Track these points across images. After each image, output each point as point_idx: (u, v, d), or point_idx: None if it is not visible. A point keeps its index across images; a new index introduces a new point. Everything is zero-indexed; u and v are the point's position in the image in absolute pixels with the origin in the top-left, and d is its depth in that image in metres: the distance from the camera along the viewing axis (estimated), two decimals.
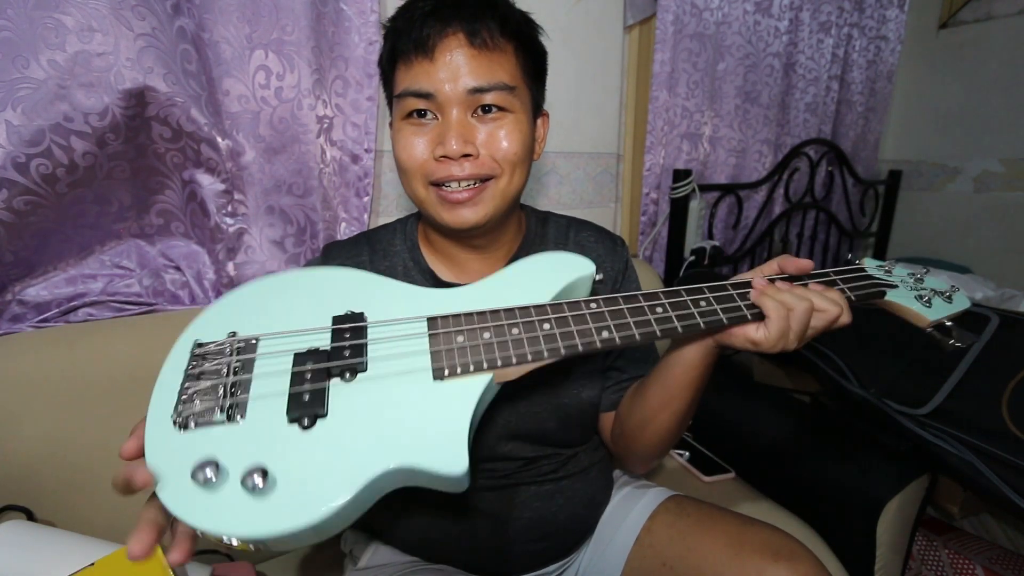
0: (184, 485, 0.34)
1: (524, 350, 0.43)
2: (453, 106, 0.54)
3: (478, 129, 0.56)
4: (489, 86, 0.54)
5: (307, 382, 0.39)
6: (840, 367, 1.02)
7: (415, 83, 0.54)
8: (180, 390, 0.39)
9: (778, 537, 0.61)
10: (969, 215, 1.78)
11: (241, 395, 0.38)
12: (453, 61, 0.53)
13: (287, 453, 0.36)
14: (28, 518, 0.70)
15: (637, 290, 0.71)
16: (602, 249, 0.70)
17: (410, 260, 0.66)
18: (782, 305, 0.47)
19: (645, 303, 0.48)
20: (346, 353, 0.41)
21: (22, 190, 0.72)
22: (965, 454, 0.82)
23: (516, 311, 0.45)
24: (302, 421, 0.37)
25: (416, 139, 0.56)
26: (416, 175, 0.57)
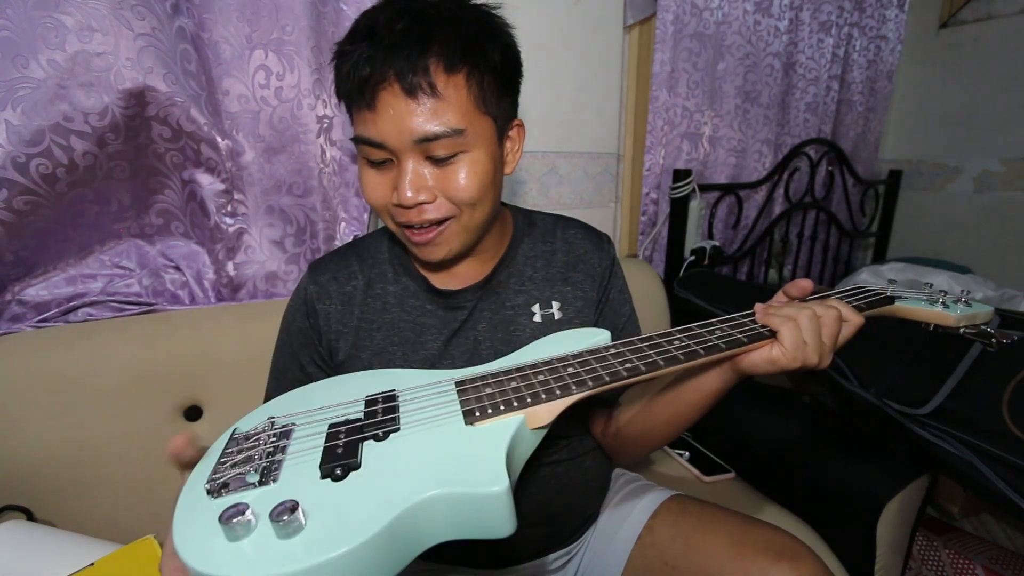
0: (213, 536, 0.32)
1: (552, 387, 0.44)
2: (404, 154, 0.52)
3: (432, 175, 0.54)
4: (435, 135, 0.51)
5: (341, 443, 0.39)
6: (840, 367, 1.02)
7: (365, 131, 0.53)
8: (215, 467, 0.38)
9: (781, 537, 0.61)
10: (969, 215, 1.78)
11: (276, 462, 0.38)
12: (395, 112, 0.50)
13: (321, 498, 0.34)
14: (28, 518, 0.70)
15: (624, 287, 0.73)
16: (588, 245, 0.71)
17: (399, 266, 0.67)
18: (787, 318, 0.48)
19: (662, 339, 0.50)
20: (378, 417, 0.42)
21: (22, 190, 0.72)
22: (965, 454, 0.82)
23: (539, 363, 0.47)
24: (335, 473, 0.36)
25: (378, 183, 0.56)
26: (384, 215, 0.58)
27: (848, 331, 0.50)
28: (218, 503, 0.34)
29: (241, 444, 0.41)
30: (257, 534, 0.32)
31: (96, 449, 0.76)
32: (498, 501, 0.35)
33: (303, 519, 0.32)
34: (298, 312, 0.67)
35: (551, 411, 0.43)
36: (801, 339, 0.47)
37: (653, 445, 0.65)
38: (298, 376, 0.66)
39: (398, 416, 0.42)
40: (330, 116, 0.95)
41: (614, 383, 0.45)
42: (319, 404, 0.46)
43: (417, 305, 0.65)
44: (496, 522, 0.36)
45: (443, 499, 0.35)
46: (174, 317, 0.85)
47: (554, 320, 0.66)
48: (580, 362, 0.47)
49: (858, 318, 0.51)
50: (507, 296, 0.66)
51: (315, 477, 0.36)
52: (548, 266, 0.68)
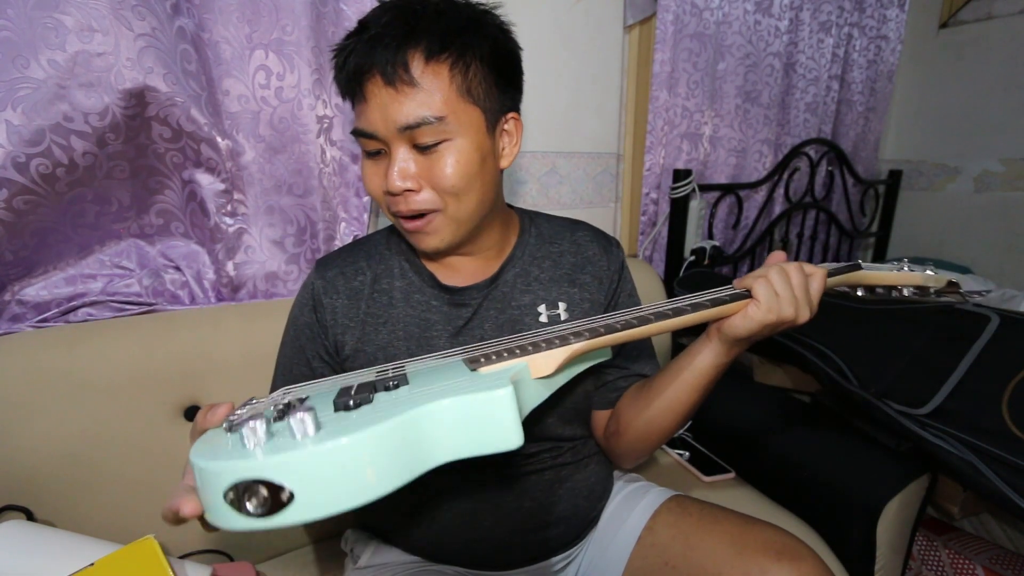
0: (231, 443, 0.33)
1: (551, 338, 0.47)
2: (393, 143, 0.55)
3: (419, 163, 0.55)
4: (416, 123, 0.52)
5: (354, 389, 0.40)
6: (840, 367, 1.02)
7: (358, 123, 0.56)
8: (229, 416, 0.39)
9: (781, 536, 0.61)
10: (969, 215, 1.78)
11: (291, 406, 0.39)
12: (379, 102, 0.53)
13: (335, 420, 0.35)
14: (28, 518, 0.70)
15: (633, 291, 0.74)
16: (597, 248, 0.71)
17: (406, 262, 0.67)
18: (758, 276, 0.52)
19: (653, 305, 0.53)
20: (389, 375, 0.44)
21: (22, 190, 0.72)
22: (965, 454, 0.82)
23: (541, 333, 0.50)
24: (347, 405, 0.37)
25: (374, 173, 0.58)
26: (383, 205, 0.60)
27: (816, 284, 0.53)
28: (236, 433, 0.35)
29: (258, 403, 0.42)
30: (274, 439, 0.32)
31: (96, 449, 0.76)
32: (503, 403, 0.36)
33: (314, 425, 0.32)
34: (305, 307, 0.67)
35: (551, 360, 0.45)
36: (773, 291, 0.51)
37: (656, 438, 0.64)
38: (304, 372, 0.67)
39: (406, 374, 0.44)
40: (330, 116, 0.95)
41: (608, 334, 0.47)
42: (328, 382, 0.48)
43: (423, 300, 0.65)
44: (503, 430, 0.37)
45: (450, 406, 0.36)
46: (174, 317, 0.85)
47: (560, 321, 0.66)
48: (577, 323, 0.51)
49: (820, 270, 0.54)
50: (513, 296, 0.66)
51: (330, 411, 0.37)
52: (555, 267, 0.69)
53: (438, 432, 0.35)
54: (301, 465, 0.30)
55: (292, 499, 0.30)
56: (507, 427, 0.36)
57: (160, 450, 0.80)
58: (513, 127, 0.62)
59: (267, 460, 0.30)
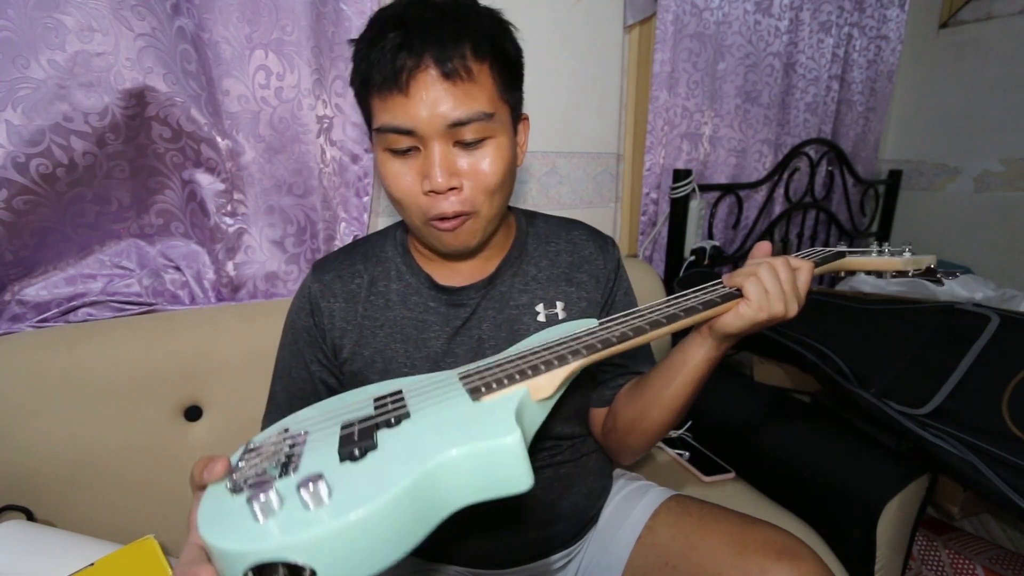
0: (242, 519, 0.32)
1: (549, 359, 0.46)
2: (433, 140, 0.53)
3: (461, 159, 0.55)
4: (468, 118, 0.52)
5: (355, 431, 0.40)
6: (840, 367, 1.02)
7: (394, 119, 0.53)
8: (234, 470, 0.38)
9: (781, 536, 0.61)
10: (969, 215, 1.78)
11: (295, 455, 0.38)
12: (429, 96, 0.51)
13: (343, 475, 0.34)
14: (28, 518, 0.70)
15: (629, 289, 0.74)
16: (593, 247, 0.71)
17: (403, 264, 0.67)
18: (748, 274, 0.53)
19: (645, 310, 0.53)
20: (387, 409, 0.43)
21: (22, 190, 0.73)
22: (965, 454, 0.82)
23: (539, 348, 0.50)
24: (353, 455, 0.36)
25: (404, 173, 0.55)
26: (412, 209, 0.57)
27: (803, 276, 0.54)
28: (242, 495, 0.34)
29: (258, 451, 0.41)
30: (286, 510, 0.32)
31: (96, 449, 0.76)
32: (512, 451, 0.36)
33: (328, 491, 0.32)
34: (302, 310, 0.67)
35: (552, 381, 0.45)
36: (763, 288, 0.52)
37: (652, 434, 0.64)
38: (303, 375, 0.67)
39: (406, 406, 0.43)
40: (330, 116, 0.95)
41: (606, 349, 0.47)
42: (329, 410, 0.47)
43: (420, 302, 0.65)
44: (514, 475, 0.36)
45: (460, 458, 0.35)
46: (174, 317, 0.85)
47: (558, 320, 0.66)
48: (573, 338, 0.50)
49: (807, 263, 0.55)
50: (511, 295, 0.66)
51: (335, 461, 0.36)
52: (552, 266, 0.69)
53: (451, 484, 0.35)
54: (320, 544, 0.30)
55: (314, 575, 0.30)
56: (519, 472, 0.36)
57: (160, 450, 0.80)
58: (523, 127, 0.64)
59: (285, 540, 0.30)
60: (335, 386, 0.67)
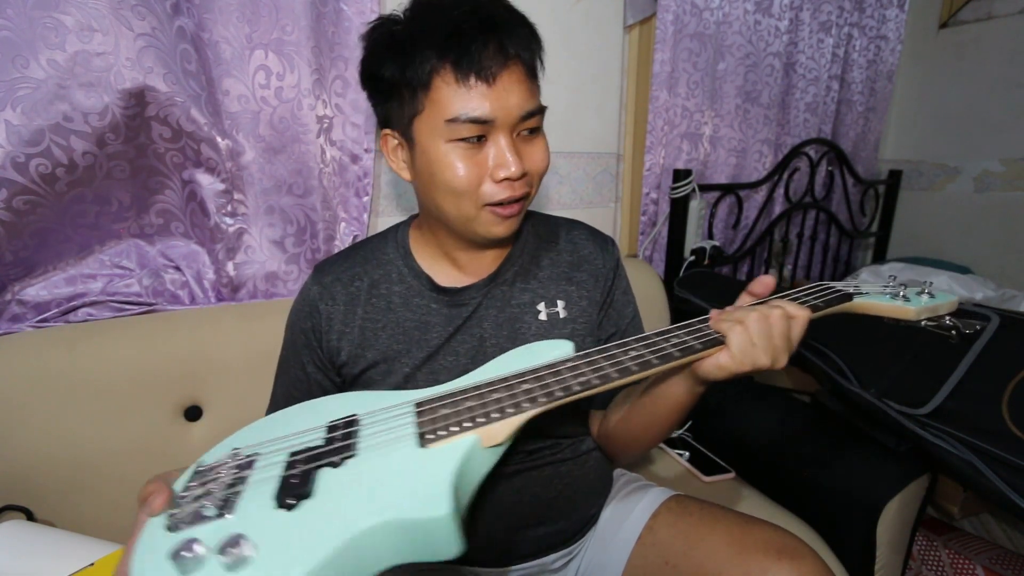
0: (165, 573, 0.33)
1: (503, 406, 0.45)
2: (504, 130, 0.56)
3: (522, 149, 0.58)
4: (533, 111, 0.57)
5: (298, 472, 0.40)
6: (840, 367, 1.02)
7: (475, 109, 0.54)
8: (175, 501, 0.39)
9: (781, 536, 0.61)
10: (969, 215, 1.78)
11: (235, 493, 0.39)
12: (513, 88, 0.55)
13: (272, 530, 0.35)
14: (28, 518, 0.70)
15: (627, 289, 0.74)
16: (593, 247, 0.72)
17: (404, 267, 0.67)
18: (735, 322, 0.49)
19: (618, 350, 0.50)
20: (336, 444, 0.43)
21: (22, 190, 0.72)
22: (965, 454, 0.82)
23: (496, 380, 0.48)
24: (287, 503, 0.37)
25: (472, 163, 0.56)
26: (470, 198, 0.57)
27: (798, 328, 0.50)
28: (174, 538, 0.35)
29: (205, 476, 0.42)
30: (207, 569, 0.32)
31: (96, 449, 0.76)
32: (440, 524, 0.36)
33: (251, 552, 0.33)
34: (301, 312, 0.67)
35: (505, 429, 0.44)
36: (749, 342, 0.48)
37: (639, 448, 0.67)
38: (299, 375, 0.67)
39: (356, 441, 0.43)
40: (330, 116, 0.95)
41: (567, 397, 0.45)
42: (284, 432, 0.46)
43: (422, 304, 0.65)
44: (440, 545, 0.36)
45: (386, 527, 0.35)
46: (174, 317, 0.85)
47: (559, 319, 0.66)
48: (536, 378, 0.47)
49: (804, 312, 0.51)
50: (513, 294, 0.66)
51: (270, 508, 0.37)
52: (553, 265, 0.69)
53: (376, 551, 0.36)
54: None
55: None
56: (446, 542, 0.36)
57: (160, 450, 0.80)
58: None
59: None
60: (329, 388, 0.68)
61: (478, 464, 0.43)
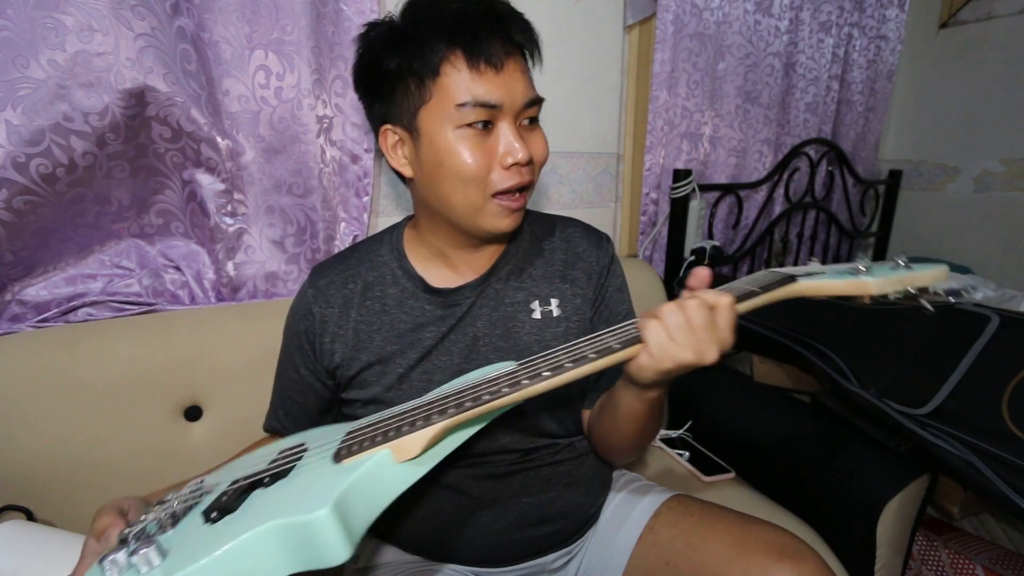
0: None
1: (415, 419, 0.45)
2: (508, 116, 0.57)
3: (526, 138, 0.59)
4: (535, 99, 0.59)
5: (230, 491, 0.44)
6: (840, 367, 1.02)
7: (485, 93, 0.55)
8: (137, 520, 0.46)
9: (782, 536, 0.61)
10: (969, 215, 1.78)
11: (183, 511, 0.45)
12: (515, 75, 0.57)
13: (189, 539, 0.40)
14: (28, 518, 0.70)
15: (623, 286, 0.74)
16: (587, 244, 0.71)
17: (398, 269, 0.67)
18: (651, 316, 0.46)
19: (540, 360, 0.47)
20: (274, 468, 0.46)
21: (22, 190, 0.72)
22: (965, 454, 0.82)
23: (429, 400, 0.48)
24: (211, 516, 0.41)
25: (480, 150, 0.56)
26: (479, 185, 0.57)
27: (723, 317, 0.46)
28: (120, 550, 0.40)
29: (165, 501, 0.48)
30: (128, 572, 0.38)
31: (96, 449, 0.76)
32: (318, 526, 0.37)
33: (159, 556, 0.38)
34: (297, 314, 0.68)
35: (416, 443, 0.43)
36: (666, 337, 0.45)
37: (618, 453, 0.68)
38: (294, 376, 0.68)
39: (293, 466, 0.46)
40: (330, 116, 0.95)
41: (476, 407, 0.44)
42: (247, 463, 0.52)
43: (416, 306, 0.65)
44: (324, 549, 0.37)
45: (270, 530, 0.37)
46: (174, 317, 0.85)
47: (553, 317, 0.66)
48: (456, 393, 0.47)
49: (725, 299, 0.46)
50: (506, 292, 0.66)
51: (200, 523, 0.41)
52: (547, 264, 0.69)
53: (266, 554, 0.37)
54: None
55: None
56: (330, 545, 0.37)
57: (160, 450, 0.80)
58: None
59: None
60: (322, 391, 0.68)
61: (390, 478, 0.42)
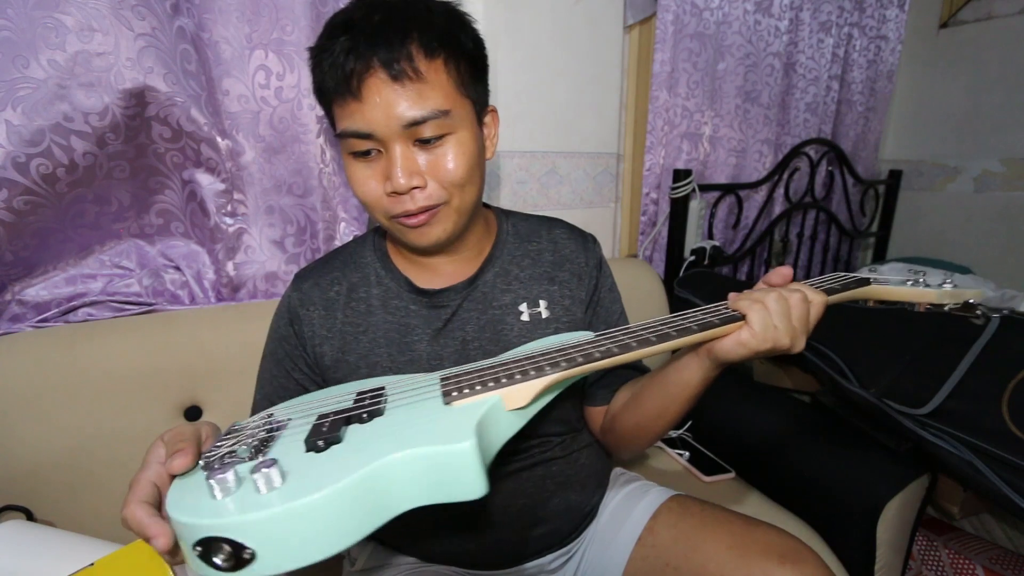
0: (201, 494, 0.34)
1: (525, 369, 0.46)
2: (393, 141, 0.53)
3: (422, 158, 0.55)
4: (423, 117, 0.52)
5: (327, 423, 0.41)
6: (840, 367, 1.02)
7: (352, 124, 0.54)
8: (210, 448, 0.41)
9: (783, 539, 0.61)
10: (969, 215, 1.78)
11: (269, 440, 0.41)
12: (382, 99, 0.52)
13: (301, 464, 0.36)
14: (28, 518, 0.70)
15: (613, 285, 0.74)
16: (574, 245, 0.71)
17: (381, 269, 0.67)
18: (755, 300, 0.49)
19: (638, 328, 0.51)
20: (364, 406, 0.44)
21: (22, 190, 0.72)
22: (965, 454, 0.82)
23: (523, 358, 0.49)
24: (317, 446, 0.38)
25: (368, 176, 0.56)
26: (376, 209, 0.58)
27: (816, 311, 0.51)
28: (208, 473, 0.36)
29: (238, 434, 0.43)
30: (240, 491, 0.34)
31: (96, 449, 0.76)
32: (464, 457, 0.36)
33: (280, 478, 0.34)
34: (282, 320, 0.67)
35: (527, 392, 0.44)
36: (770, 321, 0.48)
37: (647, 439, 0.65)
38: (285, 383, 0.66)
39: (383, 405, 0.44)
40: None
41: (586, 363, 0.46)
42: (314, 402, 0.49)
43: (401, 306, 0.65)
44: (465, 482, 0.36)
45: (410, 459, 0.36)
46: (174, 317, 0.85)
47: (541, 319, 0.66)
48: (559, 351, 0.49)
49: (820, 296, 0.51)
50: (494, 295, 0.66)
51: (301, 451, 0.38)
52: (534, 265, 0.69)
53: (399, 484, 0.36)
54: (261, 526, 0.31)
55: (254, 557, 0.31)
56: (470, 479, 0.36)
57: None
58: (491, 119, 0.64)
59: (229, 520, 0.31)
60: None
61: (500, 425, 0.44)
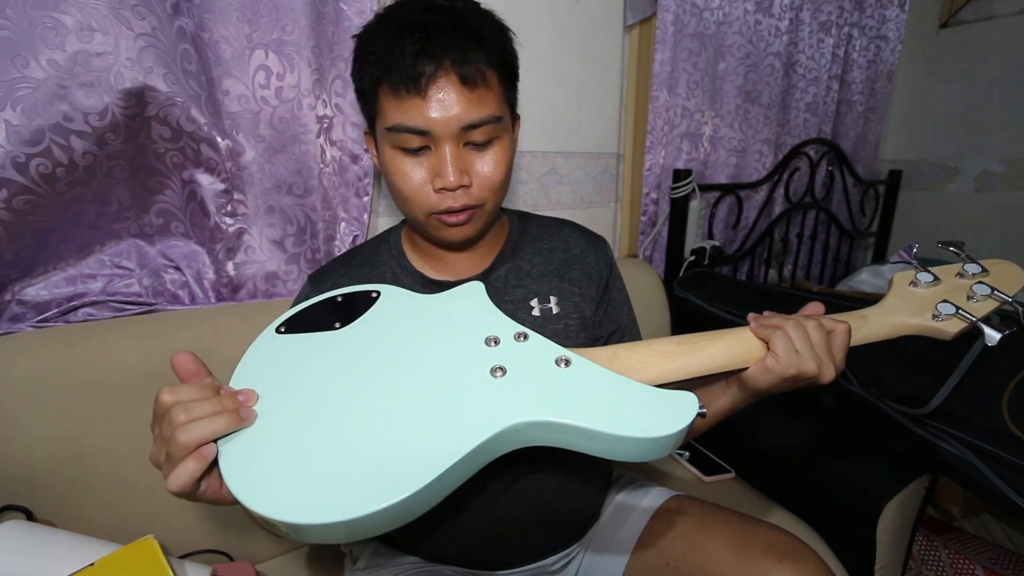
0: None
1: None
2: (446, 141, 0.55)
3: (471, 159, 0.57)
4: (480, 121, 0.55)
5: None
6: None
7: (409, 119, 0.54)
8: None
9: (783, 537, 0.61)
10: (969, 215, 1.78)
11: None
12: (446, 99, 0.53)
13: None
14: (28, 518, 0.70)
15: (623, 288, 0.75)
16: (584, 245, 0.72)
17: (397, 267, 0.68)
18: (774, 327, 0.51)
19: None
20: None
21: (22, 190, 0.72)
22: (965, 454, 0.82)
23: None
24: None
25: (414, 170, 0.57)
26: (416, 204, 0.59)
27: (839, 340, 0.51)
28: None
29: None
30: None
31: (96, 449, 0.76)
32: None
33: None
34: None
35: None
36: (791, 345, 0.49)
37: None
38: None
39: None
40: (330, 116, 0.95)
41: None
42: None
43: None
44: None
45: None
46: (174, 317, 0.85)
47: (552, 314, 0.67)
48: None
49: (842, 326, 0.52)
50: (506, 290, 0.67)
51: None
52: (546, 263, 0.70)
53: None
54: None
55: None
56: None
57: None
58: (516, 125, 0.66)
59: None
60: None
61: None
